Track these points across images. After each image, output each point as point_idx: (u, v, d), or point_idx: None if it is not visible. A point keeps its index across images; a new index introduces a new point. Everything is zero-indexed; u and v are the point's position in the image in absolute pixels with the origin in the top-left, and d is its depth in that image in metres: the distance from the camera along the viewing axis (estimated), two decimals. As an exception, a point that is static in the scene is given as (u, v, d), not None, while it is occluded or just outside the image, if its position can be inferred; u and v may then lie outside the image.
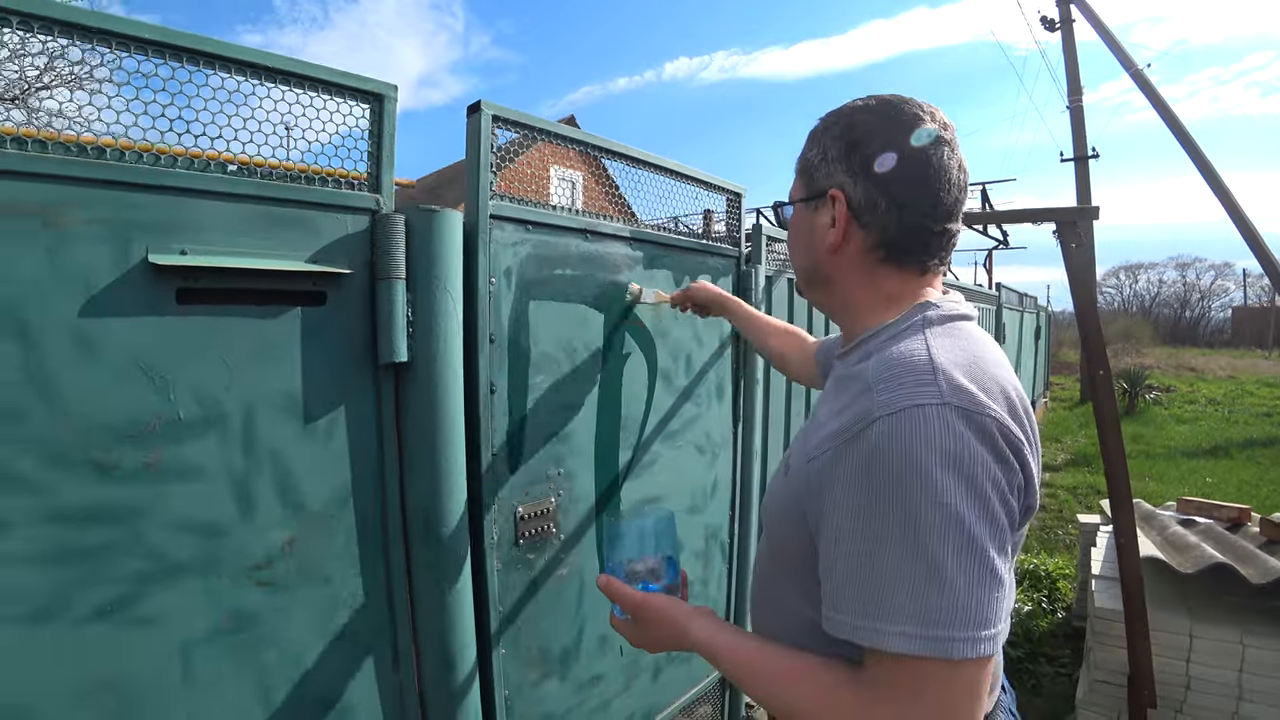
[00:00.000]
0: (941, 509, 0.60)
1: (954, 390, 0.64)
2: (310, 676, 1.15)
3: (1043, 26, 13.45)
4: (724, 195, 2.04)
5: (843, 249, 0.82)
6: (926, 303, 0.79)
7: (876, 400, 0.66)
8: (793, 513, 0.76)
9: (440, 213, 1.19)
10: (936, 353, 0.68)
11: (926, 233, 0.78)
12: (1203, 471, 7.30)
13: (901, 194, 0.77)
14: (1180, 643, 2.35)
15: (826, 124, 0.84)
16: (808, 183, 0.85)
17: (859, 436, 0.66)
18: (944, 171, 0.76)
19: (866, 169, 0.77)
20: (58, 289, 0.89)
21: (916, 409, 0.63)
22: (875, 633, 0.62)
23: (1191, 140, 9.59)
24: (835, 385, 0.80)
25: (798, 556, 0.77)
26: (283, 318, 1.09)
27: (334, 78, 1.10)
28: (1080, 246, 2.04)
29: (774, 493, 0.85)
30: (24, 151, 0.86)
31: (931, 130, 0.77)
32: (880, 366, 0.70)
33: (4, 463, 0.86)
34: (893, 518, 0.61)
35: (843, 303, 0.86)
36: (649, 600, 0.83)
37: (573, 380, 1.54)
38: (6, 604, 0.87)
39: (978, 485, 0.61)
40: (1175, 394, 13.91)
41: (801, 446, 0.78)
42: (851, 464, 0.65)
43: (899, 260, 0.80)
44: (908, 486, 0.61)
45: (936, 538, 0.60)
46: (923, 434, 0.62)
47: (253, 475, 1.07)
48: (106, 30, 0.92)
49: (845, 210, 0.79)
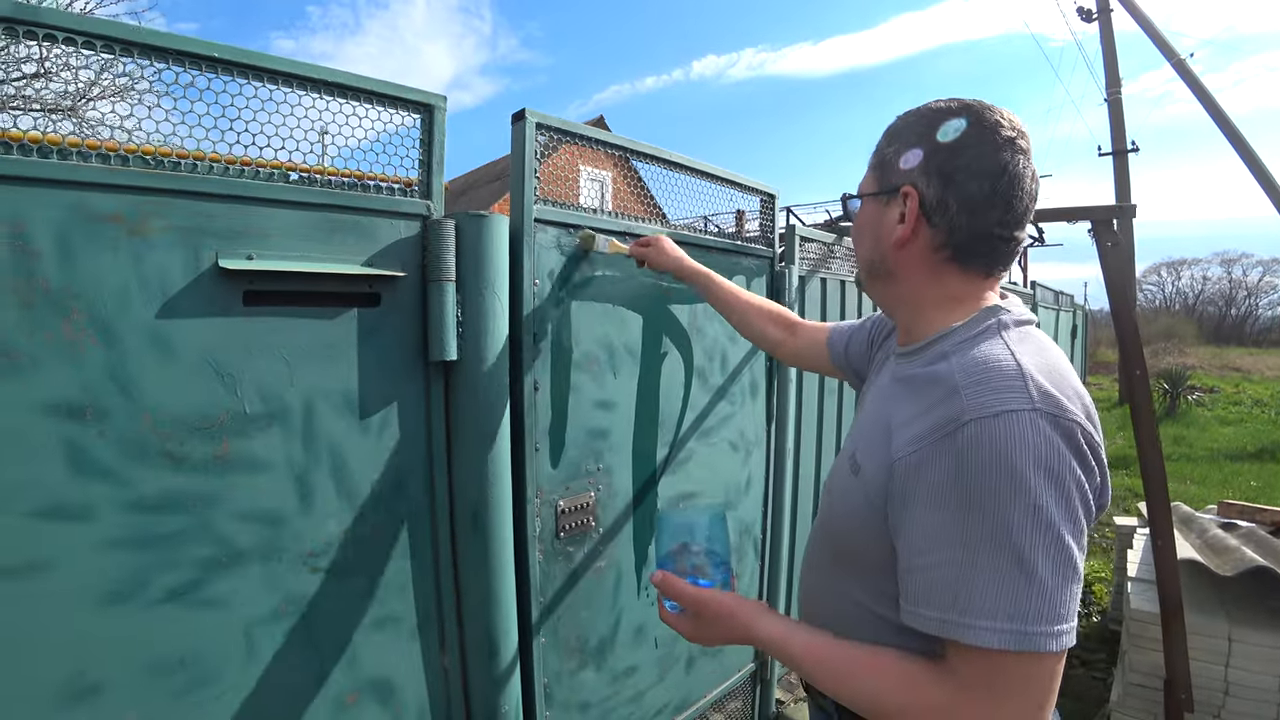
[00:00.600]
0: (1033, 509, 0.62)
1: (1043, 396, 0.66)
2: (362, 659, 1.21)
3: (1079, 17, 13.14)
4: (758, 196, 2.06)
5: (909, 245, 0.82)
6: (997, 307, 0.80)
7: (967, 404, 0.67)
8: (866, 512, 0.77)
9: (488, 218, 1.24)
10: (1022, 359, 0.70)
11: (995, 239, 0.79)
12: (1247, 475, 7.09)
13: (974, 199, 0.77)
14: (1219, 647, 2.31)
15: (906, 122, 0.84)
16: (881, 178, 0.86)
17: (949, 438, 0.67)
18: (1018, 180, 0.77)
19: (942, 170, 0.78)
20: (138, 292, 0.96)
21: (1010, 414, 0.65)
22: (966, 628, 0.64)
23: (1236, 131, 9.31)
24: (906, 386, 0.80)
25: (868, 554, 0.79)
26: (340, 318, 1.15)
27: (389, 90, 1.16)
28: (1116, 245, 2.02)
29: (841, 491, 0.85)
30: (110, 166, 0.93)
31: (961, 123, 0.78)
32: (967, 370, 0.71)
33: (93, 455, 0.93)
34: (984, 517, 0.64)
35: (905, 298, 0.87)
36: (712, 596, 0.84)
37: (612, 378, 1.59)
38: (95, 586, 0.94)
39: (1064, 487, 0.64)
40: (1219, 395, 13.51)
41: (874, 446, 0.79)
42: (941, 465, 0.67)
43: (964, 262, 0.81)
44: (1000, 487, 0.63)
45: (1027, 536, 0.62)
46: (1016, 437, 0.64)
47: (312, 467, 1.13)
48: (181, 51, 0.98)
49: (917, 208, 0.80)
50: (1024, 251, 13.98)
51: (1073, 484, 0.64)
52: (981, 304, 0.82)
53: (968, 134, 0.77)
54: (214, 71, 1.02)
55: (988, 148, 0.76)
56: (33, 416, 0.88)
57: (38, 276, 0.88)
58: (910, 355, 0.85)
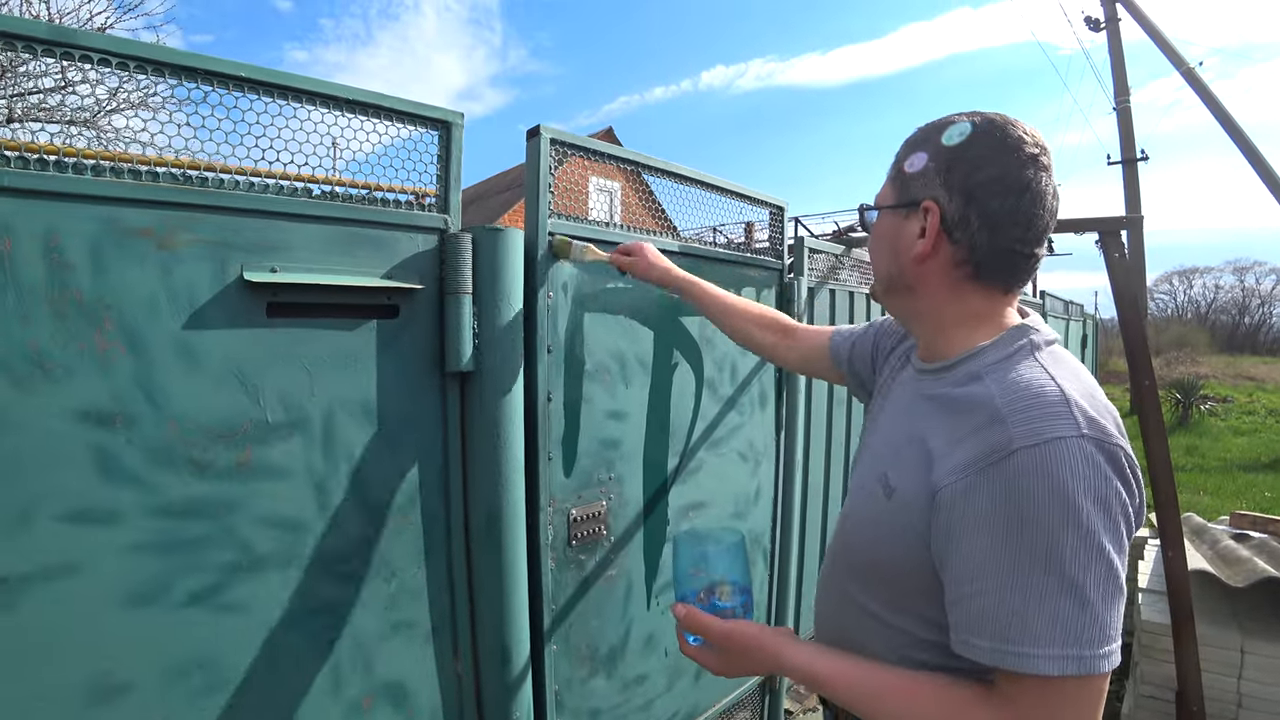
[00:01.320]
0: (1084, 535, 0.63)
1: (1088, 422, 0.66)
2: (377, 664, 1.23)
3: (1087, 27, 13.15)
4: (766, 209, 2.09)
5: (929, 260, 0.82)
6: (1025, 326, 0.80)
7: (1014, 431, 0.67)
8: (906, 538, 0.76)
9: (504, 232, 1.27)
10: (1064, 384, 0.70)
11: (1016, 255, 0.79)
12: (1261, 486, 7.03)
13: (995, 215, 0.76)
14: (1231, 659, 2.30)
15: (926, 134, 0.83)
16: (900, 190, 0.84)
17: (997, 466, 0.67)
18: (1040, 198, 0.77)
19: (964, 185, 0.77)
20: (167, 304, 0.99)
21: (1060, 441, 0.65)
22: (1024, 657, 0.64)
23: (1247, 139, 9.28)
24: (938, 406, 0.79)
25: (905, 580, 0.78)
26: (360, 329, 1.18)
27: (409, 108, 1.19)
28: (1123, 256, 2.03)
29: (872, 516, 0.83)
30: (141, 181, 0.97)
31: (965, 127, 0.78)
32: (1010, 395, 0.70)
33: (121, 461, 0.96)
34: (1036, 544, 0.64)
35: (925, 313, 0.86)
36: (736, 628, 0.82)
37: (624, 389, 1.61)
38: (121, 588, 0.96)
39: (1112, 511, 0.65)
40: (1233, 404, 13.39)
41: (909, 468, 0.78)
42: (990, 493, 0.67)
43: (984, 279, 0.80)
44: (1052, 514, 0.63)
45: (1080, 562, 0.63)
46: (1067, 464, 0.64)
47: (331, 474, 1.16)
48: (211, 70, 1.01)
49: (938, 223, 0.79)
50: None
51: (1118, 506, 0.65)
52: (1006, 321, 0.81)
53: (990, 149, 0.77)
54: (241, 90, 1.05)
55: (1011, 164, 0.76)
56: (65, 423, 0.91)
57: (71, 288, 0.92)
58: (937, 373, 0.84)
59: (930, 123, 0.85)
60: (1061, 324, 7.82)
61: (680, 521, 1.81)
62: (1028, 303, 6.52)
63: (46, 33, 0.90)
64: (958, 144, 0.78)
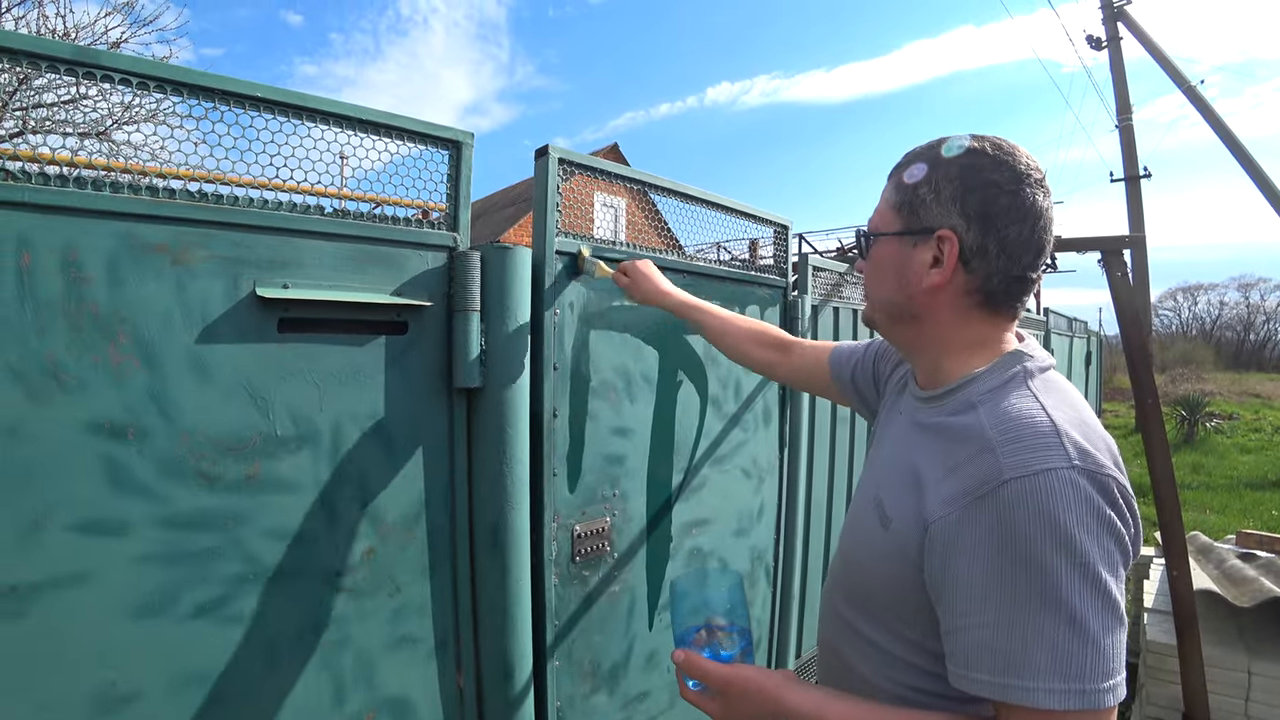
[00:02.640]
0: (1079, 566, 0.63)
1: (1079, 453, 0.66)
2: (380, 678, 1.24)
3: (1089, 45, 13.24)
4: (771, 227, 2.11)
5: (941, 290, 0.80)
6: (1019, 352, 0.80)
7: (1004, 462, 0.67)
8: (901, 568, 0.76)
9: (512, 250, 1.29)
10: (1054, 413, 0.70)
11: (1025, 281, 0.79)
12: (1268, 504, 6.98)
13: (1014, 243, 0.76)
14: (1238, 680, 2.28)
15: (931, 157, 0.81)
16: (909, 217, 0.82)
17: (988, 498, 0.67)
18: (1050, 223, 0.78)
19: (983, 214, 0.76)
20: (180, 318, 1.01)
21: (1050, 472, 0.65)
22: (1024, 690, 0.63)
23: (1249, 156, 9.31)
24: (931, 435, 0.80)
25: (901, 609, 0.78)
26: (369, 345, 1.19)
27: (420, 128, 1.21)
28: (1126, 275, 2.04)
29: (870, 544, 0.83)
30: (157, 198, 0.98)
31: (978, 150, 0.77)
32: (1000, 426, 0.70)
33: (133, 473, 0.97)
34: (1031, 576, 0.64)
35: (930, 341, 0.85)
36: (738, 673, 0.81)
37: (629, 406, 1.62)
38: (129, 599, 0.97)
39: (1105, 541, 0.65)
40: (1239, 421, 13.32)
41: (903, 498, 0.78)
42: (982, 525, 0.67)
43: (995, 305, 0.80)
44: (1045, 545, 0.63)
45: (1076, 594, 0.63)
46: (1058, 496, 0.64)
47: (338, 489, 1.17)
48: (228, 91, 1.04)
49: (957, 253, 0.78)
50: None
51: (1112, 537, 0.65)
52: (1003, 347, 0.81)
53: (1005, 175, 0.76)
54: (257, 109, 1.07)
55: (1026, 191, 0.76)
56: (78, 434, 0.93)
57: (87, 302, 0.93)
58: (933, 401, 0.84)
59: (929, 145, 0.83)
60: (1065, 341, 7.81)
61: (684, 538, 1.81)
62: (1031, 320, 6.52)
63: (71, 53, 0.93)
64: (971, 167, 0.77)
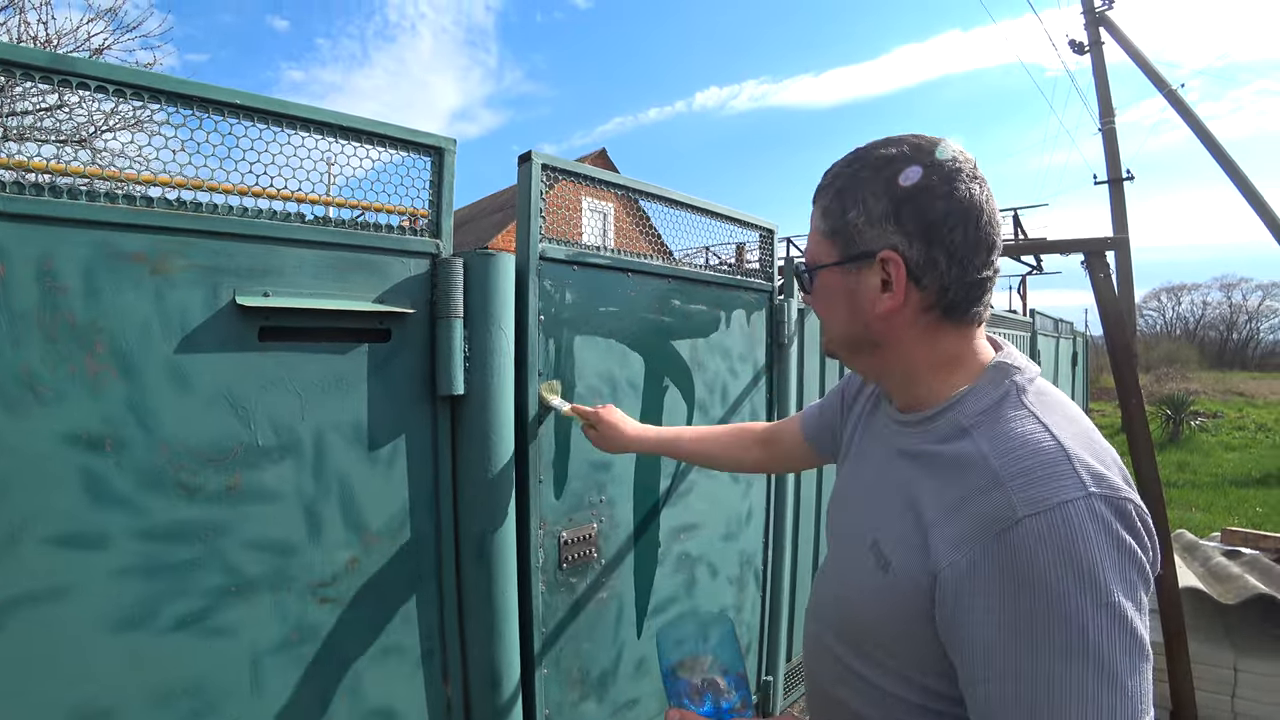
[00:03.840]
0: (1105, 606, 0.58)
1: (1094, 478, 0.62)
2: (366, 688, 1.23)
3: (1071, 50, 13.39)
4: (757, 231, 2.11)
5: (897, 313, 0.75)
6: (1003, 365, 0.75)
7: (1016, 498, 0.62)
8: (909, 618, 0.70)
9: (495, 256, 1.28)
10: (1060, 435, 0.65)
11: (984, 283, 0.74)
12: (1253, 501, 7.05)
13: (961, 248, 0.71)
14: (1225, 677, 2.30)
15: (855, 177, 0.75)
16: (844, 244, 0.76)
17: (1001, 539, 0.61)
18: (992, 215, 0.72)
19: (922, 226, 0.71)
20: (159, 328, 1.00)
21: (1067, 504, 0.60)
22: None
23: (1229, 158, 9.45)
24: (924, 466, 0.74)
25: (910, 655, 0.73)
26: (351, 353, 1.18)
27: (402, 134, 1.21)
28: (1108, 277, 2.06)
29: (869, 590, 0.76)
30: (135, 207, 0.97)
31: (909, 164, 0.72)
32: (1005, 456, 0.65)
33: (111, 485, 0.96)
34: (1054, 621, 0.58)
35: (895, 365, 0.79)
36: None
37: (614, 410, 1.61)
38: (108, 612, 0.96)
39: (1127, 573, 0.60)
40: (1223, 420, 13.47)
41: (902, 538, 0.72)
42: (997, 569, 0.61)
43: (956, 315, 0.75)
44: (1067, 587, 0.58)
45: (1104, 636, 0.58)
46: (1078, 530, 0.59)
47: (321, 498, 1.16)
48: (207, 99, 1.03)
49: (904, 274, 0.72)
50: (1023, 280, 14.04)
51: (1134, 565, 0.61)
52: (980, 358, 0.77)
53: (934, 178, 0.70)
54: (236, 116, 1.06)
55: (960, 188, 0.70)
56: (55, 446, 0.92)
57: (63, 311, 0.92)
58: (916, 426, 0.78)
59: (850, 161, 0.77)
60: (1051, 342, 7.88)
61: (672, 543, 1.81)
62: (1017, 322, 6.57)
63: (46, 61, 0.92)
64: (895, 177, 0.72)
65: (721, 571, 2.01)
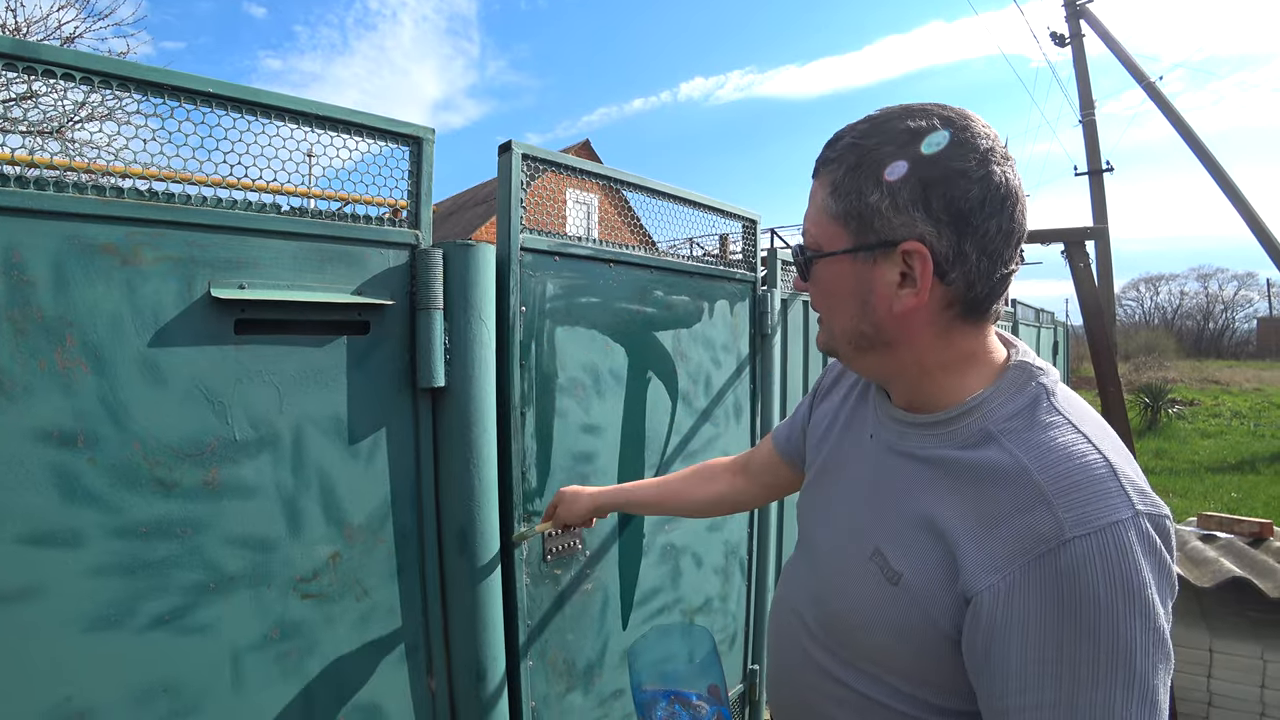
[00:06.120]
0: (1153, 631, 0.56)
1: (1139, 495, 0.59)
2: (349, 684, 1.22)
3: (1053, 42, 13.50)
4: (739, 221, 2.11)
5: (916, 310, 0.67)
6: (1026, 365, 0.69)
7: (1063, 516, 0.58)
8: (923, 635, 0.67)
9: (475, 247, 1.27)
10: (1105, 449, 0.61)
11: (1008, 277, 0.68)
12: (1228, 486, 7.20)
13: (993, 239, 0.64)
14: (1200, 658, 2.35)
15: (880, 152, 0.65)
16: (861, 229, 0.67)
17: (1046, 559, 0.58)
18: (1024, 202, 0.65)
19: (956, 212, 0.62)
20: (131, 321, 0.98)
21: (1118, 525, 0.57)
22: None
23: (1207, 151, 9.57)
24: (944, 474, 0.68)
25: (916, 672, 0.69)
26: (330, 346, 1.17)
27: (379, 123, 1.19)
28: (1088, 266, 2.08)
29: (871, 603, 0.71)
30: (105, 198, 0.95)
31: (945, 135, 0.63)
32: (1049, 469, 0.61)
33: (84, 482, 0.94)
34: (1103, 648, 0.56)
35: (906, 366, 0.72)
36: None
37: (598, 402, 1.61)
38: (83, 612, 0.94)
39: (1166, 593, 0.58)
40: (1199, 408, 13.71)
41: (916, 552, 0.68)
42: (1040, 592, 0.58)
43: (978, 313, 0.68)
44: (1117, 611, 0.55)
45: (1150, 664, 0.56)
46: (1129, 552, 0.56)
47: (301, 493, 1.14)
48: (178, 86, 1.01)
49: (931, 268, 0.65)
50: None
51: (1169, 584, 0.58)
52: (994, 356, 0.71)
53: (971, 162, 0.62)
54: (209, 105, 1.04)
55: (995, 171, 0.63)
56: (24, 443, 0.90)
57: (32, 305, 0.90)
58: (930, 428, 0.72)
59: (866, 132, 0.67)
60: (1033, 332, 7.97)
61: (656, 535, 1.81)
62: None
63: (9, 47, 0.89)
64: (934, 155, 0.63)
65: (706, 562, 2.02)
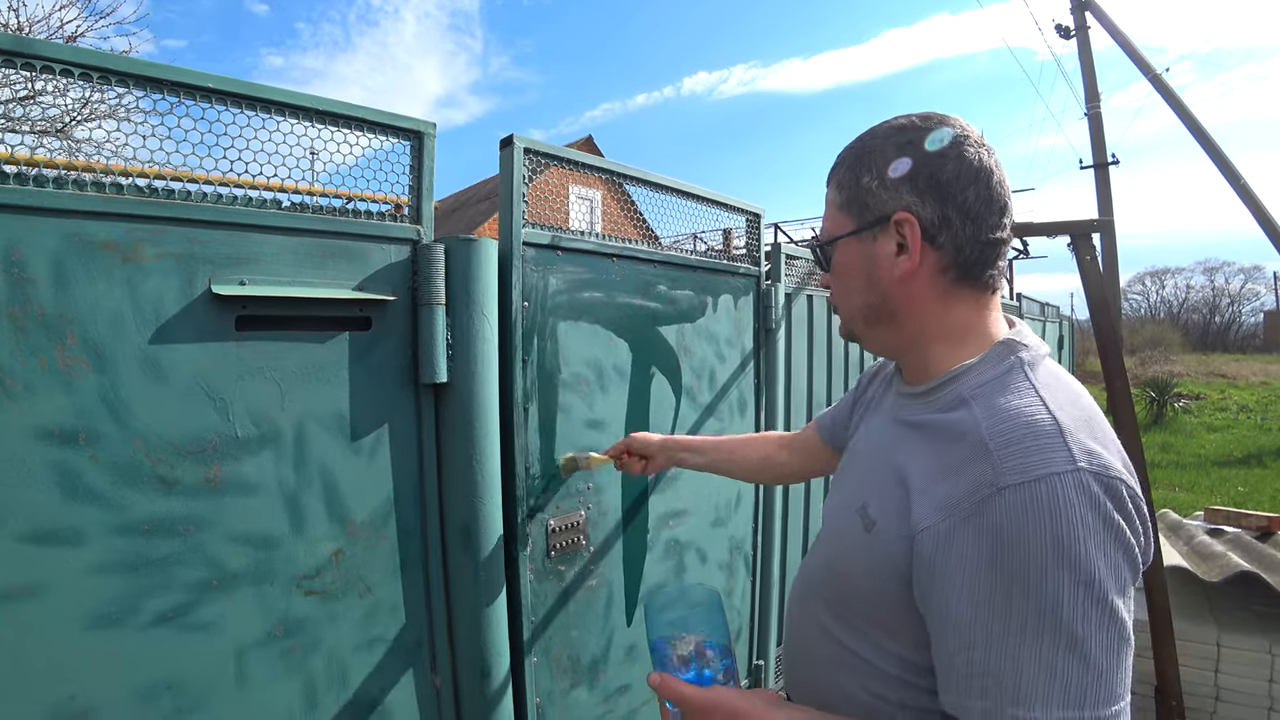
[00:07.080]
0: (1084, 583, 0.57)
1: (1085, 453, 0.60)
2: (353, 681, 1.22)
3: (1058, 34, 13.40)
4: (743, 216, 2.10)
5: (914, 276, 0.76)
6: (1011, 341, 0.75)
7: (1001, 466, 0.61)
8: (887, 580, 0.71)
9: (477, 242, 1.26)
10: (1057, 411, 0.64)
11: (997, 243, 0.75)
12: (1235, 480, 7.16)
13: (974, 205, 0.73)
14: (1208, 653, 2.33)
15: (871, 147, 0.78)
16: (859, 212, 0.78)
17: (982, 507, 0.61)
18: (1002, 179, 0.74)
19: (936, 184, 0.73)
20: (132, 318, 0.98)
21: (1053, 476, 0.59)
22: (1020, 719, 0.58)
23: (1213, 143, 9.49)
24: (918, 433, 0.74)
25: (888, 622, 0.73)
26: (331, 341, 1.16)
27: (380, 118, 1.19)
28: (1095, 259, 2.07)
29: (850, 550, 0.77)
30: (105, 194, 0.95)
31: (945, 132, 0.74)
32: (997, 425, 0.65)
33: (85, 479, 0.94)
34: (1031, 595, 0.58)
35: (913, 335, 0.79)
36: (718, 697, 0.74)
37: (601, 397, 1.61)
38: (86, 609, 0.94)
39: (1111, 553, 0.59)
40: (1205, 401, 13.63)
41: (888, 502, 0.73)
42: (976, 537, 0.61)
43: (971, 277, 0.76)
44: (1046, 561, 0.57)
45: (1080, 615, 0.57)
46: (1061, 502, 0.58)
47: (303, 490, 1.14)
48: (178, 82, 1.00)
49: (919, 233, 0.74)
50: (1009, 264, 14.10)
51: (1120, 547, 0.59)
52: (990, 332, 0.77)
53: (945, 144, 0.73)
54: (209, 101, 1.04)
55: (968, 151, 0.73)
56: (26, 441, 0.90)
57: (33, 302, 0.90)
58: (920, 397, 0.78)
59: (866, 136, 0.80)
60: (1038, 325, 7.94)
61: (661, 530, 1.80)
62: (1004, 306, 6.59)
63: (10, 44, 0.89)
64: (906, 144, 0.75)
65: (711, 557, 2.01)
